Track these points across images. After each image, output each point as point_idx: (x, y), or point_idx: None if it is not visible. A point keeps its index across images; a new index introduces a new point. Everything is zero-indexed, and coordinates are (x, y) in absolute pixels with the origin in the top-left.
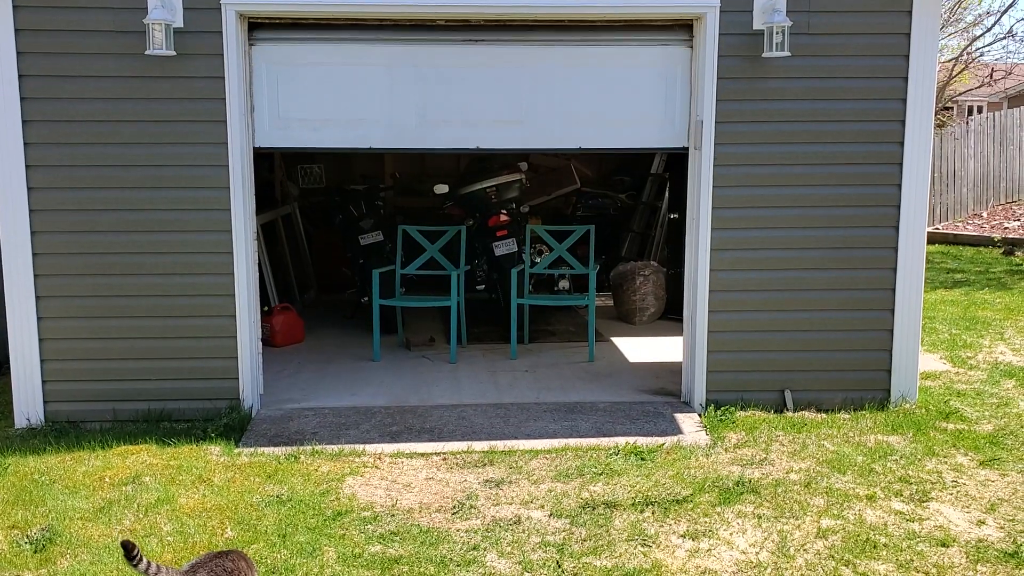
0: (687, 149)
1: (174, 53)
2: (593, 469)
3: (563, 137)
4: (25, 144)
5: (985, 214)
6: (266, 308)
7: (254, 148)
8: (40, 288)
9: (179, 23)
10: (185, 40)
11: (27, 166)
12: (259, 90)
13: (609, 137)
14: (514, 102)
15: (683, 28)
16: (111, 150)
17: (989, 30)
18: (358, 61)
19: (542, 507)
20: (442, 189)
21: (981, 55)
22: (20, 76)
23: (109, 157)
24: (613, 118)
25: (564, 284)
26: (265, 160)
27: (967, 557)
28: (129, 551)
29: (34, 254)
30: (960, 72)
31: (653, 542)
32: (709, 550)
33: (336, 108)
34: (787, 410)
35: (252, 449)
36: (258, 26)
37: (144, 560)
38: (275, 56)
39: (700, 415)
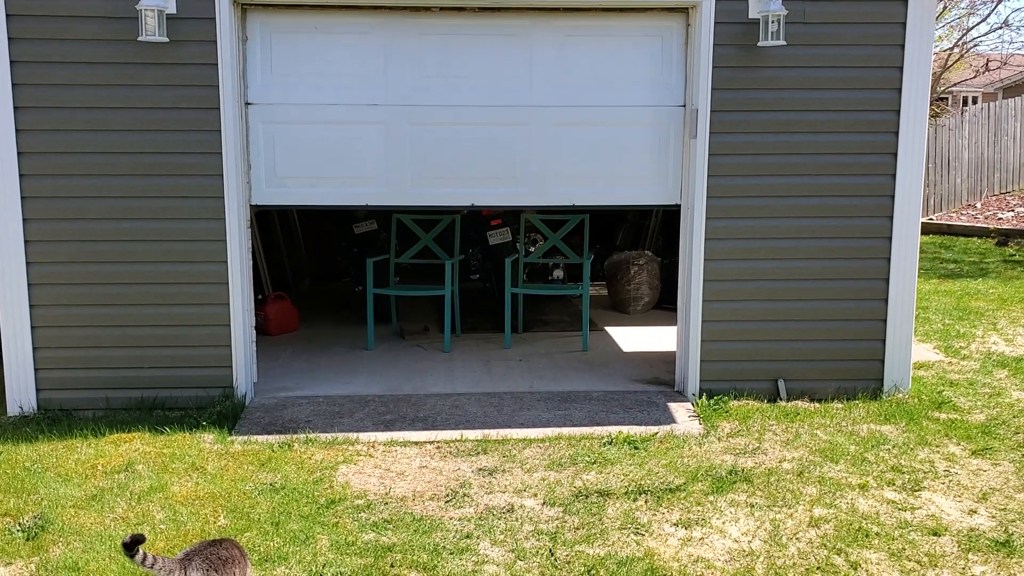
0: (679, 206)
1: (167, 40)
2: (586, 458)
3: (558, 195)
4: (17, 131)
5: (979, 204)
6: (260, 296)
7: (251, 206)
8: (32, 276)
9: (172, 9)
10: (178, 26)
11: (19, 153)
12: (255, 150)
13: (604, 195)
14: (508, 160)
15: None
16: (104, 137)
17: (984, 19)
18: (353, 120)
19: (535, 496)
20: None
21: (976, 45)
22: (12, 62)
23: (102, 144)
24: (607, 176)
25: (558, 273)
26: None
27: (959, 546)
28: (135, 543)
29: (26, 242)
30: (955, 62)
31: (646, 531)
32: (702, 539)
33: (331, 166)
34: (780, 399)
35: (245, 437)
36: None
37: (139, 551)
38: (270, 116)
39: (693, 404)
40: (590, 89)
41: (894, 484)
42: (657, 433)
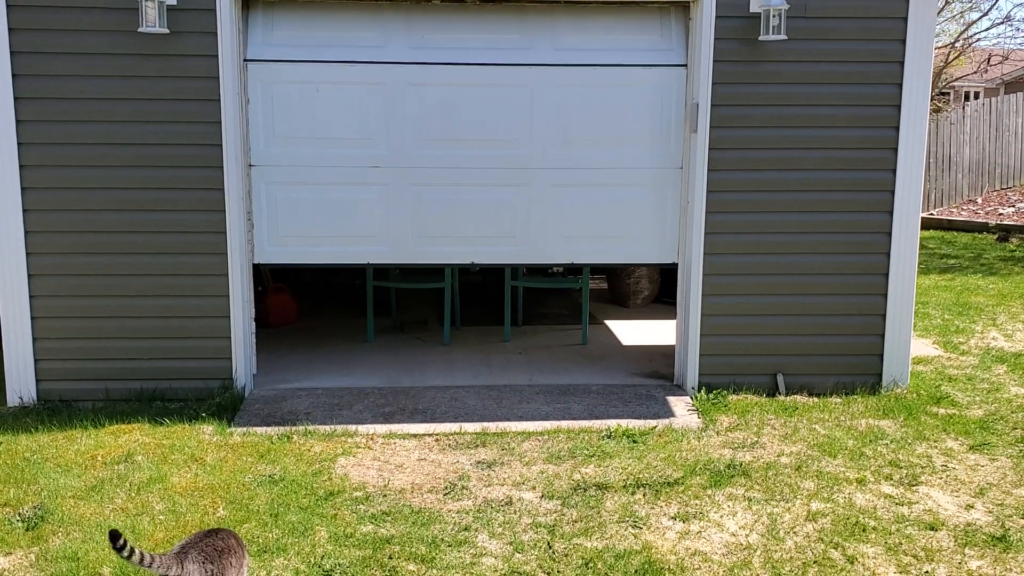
0: (676, 265)
1: (167, 31)
2: (585, 451)
3: (557, 253)
4: (17, 122)
5: (980, 200)
6: (260, 288)
7: (253, 264)
8: (32, 266)
9: (172, 0)
10: (178, 18)
11: (19, 144)
12: (258, 210)
13: (602, 254)
14: (508, 220)
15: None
16: (104, 128)
17: (986, 14)
18: (356, 181)
19: (534, 488)
20: None
21: (978, 40)
22: (12, 53)
23: (102, 135)
24: (606, 236)
25: (558, 267)
26: None
27: (955, 541)
28: (116, 541)
29: (26, 232)
30: (956, 57)
31: (644, 524)
32: (699, 532)
33: (334, 226)
34: (779, 394)
35: (245, 429)
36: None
37: (136, 551)
38: (272, 176)
39: (692, 398)
40: (590, 150)
41: (892, 479)
42: (656, 427)
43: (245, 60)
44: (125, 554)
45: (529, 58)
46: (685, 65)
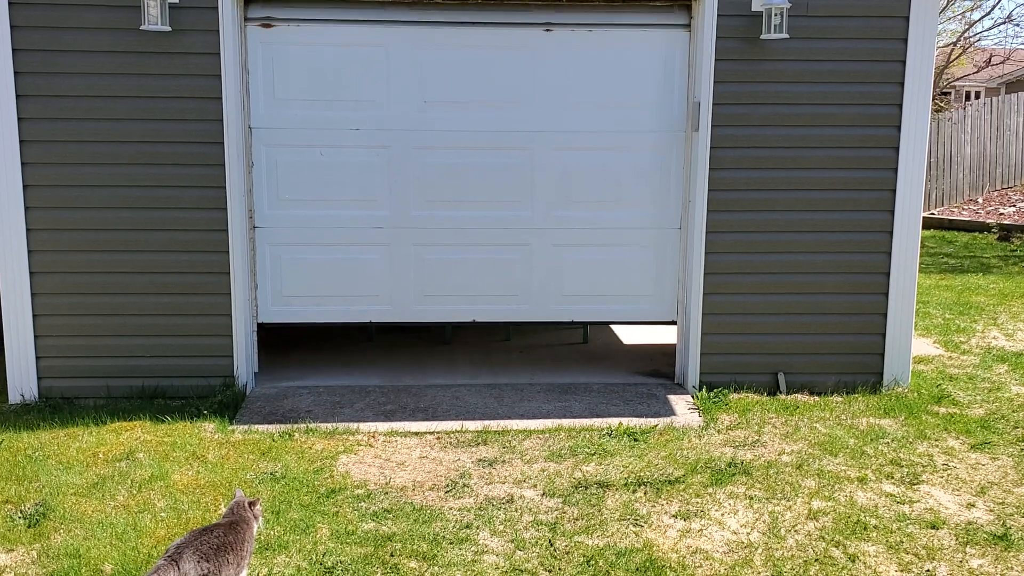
0: (675, 322)
1: (169, 28)
2: (586, 449)
3: (557, 311)
4: (19, 119)
5: (981, 199)
6: None
7: (257, 323)
8: (34, 264)
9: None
10: (180, 15)
11: (21, 141)
12: (262, 269)
13: (602, 312)
14: (509, 279)
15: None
16: (106, 126)
17: (988, 14)
18: (358, 241)
19: (535, 486)
20: None
21: (979, 40)
22: (14, 50)
23: (104, 133)
24: (606, 293)
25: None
26: None
27: (956, 539)
28: None
29: (28, 230)
30: (958, 57)
31: (645, 522)
32: (700, 530)
33: (337, 286)
34: (780, 393)
35: (246, 426)
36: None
37: None
38: (277, 237)
39: (693, 397)
40: (591, 211)
41: (893, 477)
42: (657, 425)
43: (250, 127)
44: None
45: (530, 124)
46: (684, 131)
